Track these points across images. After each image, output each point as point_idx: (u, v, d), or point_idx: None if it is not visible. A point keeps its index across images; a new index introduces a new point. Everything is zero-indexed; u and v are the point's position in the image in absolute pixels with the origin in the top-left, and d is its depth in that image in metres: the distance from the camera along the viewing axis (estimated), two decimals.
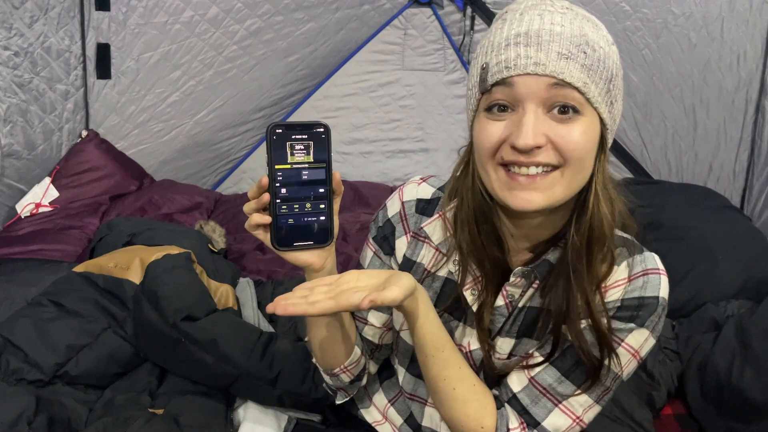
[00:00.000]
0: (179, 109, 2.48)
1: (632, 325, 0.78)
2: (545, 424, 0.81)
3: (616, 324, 0.79)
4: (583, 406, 0.81)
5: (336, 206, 0.78)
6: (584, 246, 0.75)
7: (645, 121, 2.53)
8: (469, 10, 2.66)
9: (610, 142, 0.74)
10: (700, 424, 1.44)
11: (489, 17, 2.62)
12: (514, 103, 0.70)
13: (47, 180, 2.20)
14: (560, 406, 0.81)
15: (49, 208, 2.16)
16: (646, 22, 2.33)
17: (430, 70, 2.84)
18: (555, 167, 0.70)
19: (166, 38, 2.30)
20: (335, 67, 2.80)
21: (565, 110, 0.68)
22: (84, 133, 2.32)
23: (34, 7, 2.00)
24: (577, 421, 0.82)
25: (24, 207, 2.13)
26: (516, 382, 0.84)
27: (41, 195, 2.17)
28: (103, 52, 2.23)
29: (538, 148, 0.68)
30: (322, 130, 0.75)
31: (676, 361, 1.55)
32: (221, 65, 2.47)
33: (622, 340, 0.79)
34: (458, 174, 0.82)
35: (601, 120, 0.71)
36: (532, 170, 0.70)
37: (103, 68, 2.25)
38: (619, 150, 2.62)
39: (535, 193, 0.70)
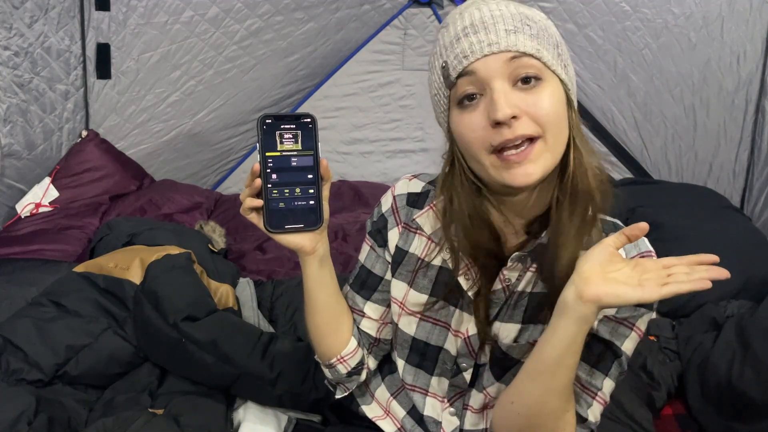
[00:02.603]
0: (179, 109, 2.48)
1: (643, 309, 0.82)
2: (590, 418, 0.84)
3: (628, 310, 0.81)
4: (609, 389, 0.85)
5: (326, 192, 0.83)
6: (569, 201, 0.77)
7: (645, 121, 2.53)
8: None
9: (575, 101, 0.79)
10: (700, 424, 1.44)
11: None
12: (481, 89, 0.75)
13: (47, 180, 2.20)
14: (596, 398, 0.84)
15: (49, 208, 2.16)
16: (646, 22, 2.32)
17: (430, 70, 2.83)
18: (537, 137, 0.74)
19: (166, 38, 2.29)
20: (335, 67, 2.80)
21: (528, 80, 0.73)
22: (84, 133, 2.32)
23: (34, 7, 2.00)
24: (605, 403, 0.85)
25: (24, 207, 2.13)
26: None
27: (41, 195, 2.17)
28: (103, 52, 2.23)
29: (515, 118, 0.72)
30: (309, 120, 0.81)
31: (676, 361, 1.55)
32: (221, 65, 2.47)
33: (634, 324, 0.82)
34: (446, 175, 0.84)
35: (562, 82, 0.76)
36: (520, 145, 0.73)
37: (103, 68, 2.25)
38: (619, 150, 2.62)
39: (530, 165, 0.74)
